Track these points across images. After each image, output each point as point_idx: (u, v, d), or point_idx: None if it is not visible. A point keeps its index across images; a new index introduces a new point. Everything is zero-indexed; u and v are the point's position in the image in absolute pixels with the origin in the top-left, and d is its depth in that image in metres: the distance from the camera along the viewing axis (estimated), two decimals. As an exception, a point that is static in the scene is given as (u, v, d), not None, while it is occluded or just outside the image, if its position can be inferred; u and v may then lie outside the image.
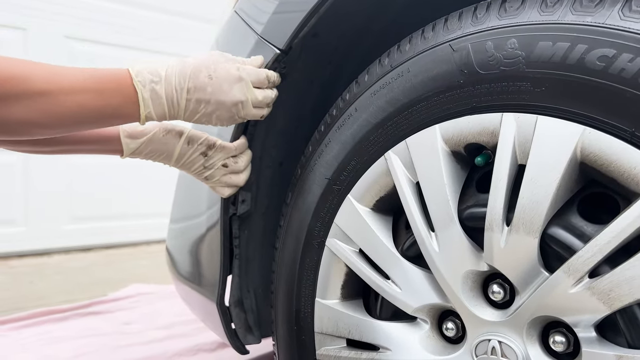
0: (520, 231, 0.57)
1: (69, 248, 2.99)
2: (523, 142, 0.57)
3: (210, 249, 0.97)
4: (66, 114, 0.66)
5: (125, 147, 0.82)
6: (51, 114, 0.65)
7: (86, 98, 0.67)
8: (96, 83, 0.68)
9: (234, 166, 0.86)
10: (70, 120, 0.68)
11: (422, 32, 0.69)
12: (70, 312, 1.93)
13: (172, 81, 0.73)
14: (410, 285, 0.68)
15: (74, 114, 0.67)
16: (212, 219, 0.96)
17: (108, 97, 0.69)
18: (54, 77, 0.65)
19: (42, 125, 0.66)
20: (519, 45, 0.57)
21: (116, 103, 0.70)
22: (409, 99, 0.67)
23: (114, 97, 0.69)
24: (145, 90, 0.71)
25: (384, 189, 0.71)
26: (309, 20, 0.77)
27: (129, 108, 0.71)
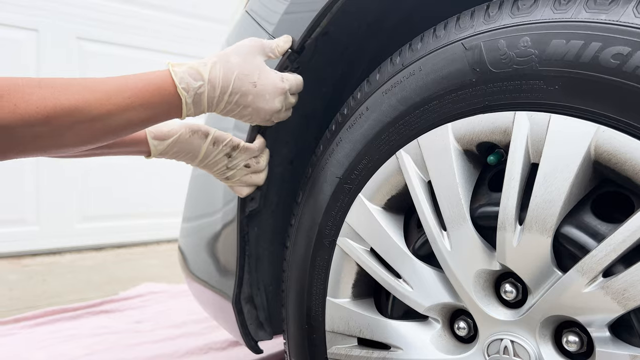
0: (533, 230, 0.57)
1: (81, 247, 3.02)
2: (536, 140, 0.57)
3: (225, 247, 0.98)
4: (115, 132, 0.68)
5: (153, 149, 0.83)
6: (101, 134, 0.67)
7: (134, 115, 0.68)
8: (142, 99, 0.68)
9: (255, 166, 0.88)
10: (118, 135, 0.70)
11: (433, 30, 0.68)
12: (83, 310, 1.95)
13: (215, 84, 0.73)
14: (421, 284, 0.68)
15: (122, 130, 0.69)
16: (227, 216, 0.96)
17: (154, 109, 0.69)
18: (103, 101, 0.65)
19: (92, 143, 0.68)
20: (532, 43, 0.57)
21: (161, 112, 0.71)
22: (420, 97, 0.67)
23: (160, 108, 0.70)
24: (189, 97, 0.71)
25: (395, 187, 0.71)
26: (321, 19, 0.77)
27: (172, 114, 0.72)
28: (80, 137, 0.65)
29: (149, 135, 0.83)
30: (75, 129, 0.64)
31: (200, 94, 0.72)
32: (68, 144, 0.65)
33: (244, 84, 0.74)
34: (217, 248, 1.00)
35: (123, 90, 0.67)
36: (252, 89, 0.75)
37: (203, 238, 1.07)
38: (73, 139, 0.65)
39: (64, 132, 0.63)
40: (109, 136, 0.68)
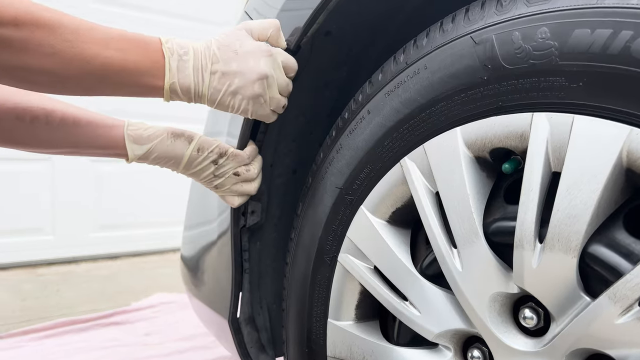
0: (556, 249, 0.49)
1: (96, 256, 3.00)
2: (557, 146, 0.49)
3: (221, 261, 0.92)
4: (88, 69, 0.63)
5: (131, 153, 0.78)
6: (74, 66, 0.62)
7: (111, 54, 0.64)
8: (124, 41, 0.65)
9: (246, 174, 0.81)
10: (92, 76, 0.64)
11: (440, 24, 0.61)
12: (92, 322, 1.92)
13: (199, 56, 0.70)
14: (430, 308, 0.61)
15: (96, 70, 0.63)
16: (223, 225, 0.91)
17: (134, 57, 0.65)
18: (82, 29, 0.62)
19: (63, 78, 0.63)
20: (551, 34, 0.49)
21: (143, 66, 0.66)
22: (426, 99, 0.60)
23: (141, 59, 0.66)
24: (173, 59, 0.68)
25: (400, 199, 0.64)
26: (317, 16, 0.71)
27: (154, 74, 0.67)
28: (52, 63, 0.60)
29: (127, 139, 0.77)
30: (44, 48, 0.59)
31: (186, 61, 0.69)
32: (39, 69, 0.60)
33: (226, 52, 0.71)
34: (213, 260, 0.95)
35: (107, 30, 0.64)
36: (233, 55, 0.70)
37: (200, 248, 1.01)
38: (40, 61, 0.59)
39: (32, 48, 0.58)
40: (85, 76, 0.63)
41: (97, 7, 2.93)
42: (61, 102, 0.78)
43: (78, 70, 0.62)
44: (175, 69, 0.68)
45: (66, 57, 0.61)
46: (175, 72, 0.68)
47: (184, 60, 0.68)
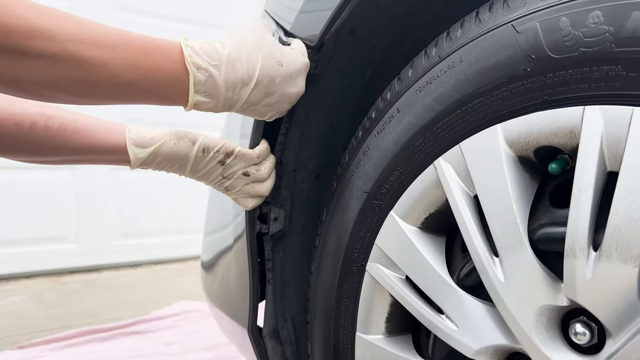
0: (613, 258, 0.44)
1: (118, 264, 3.01)
2: (614, 142, 0.44)
3: (238, 267, 0.88)
4: (92, 80, 0.56)
5: (133, 157, 0.74)
6: (79, 80, 0.55)
7: (119, 65, 0.56)
8: (134, 49, 0.57)
9: (256, 174, 0.77)
10: (97, 88, 0.57)
11: (476, 14, 0.57)
12: (114, 331, 1.90)
13: (237, 67, 0.61)
14: (469, 322, 0.56)
15: (100, 81, 0.56)
16: (238, 229, 0.87)
17: (147, 70, 0.58)
18: (86, 34, 0.54)
19: (70, 91, 0.56)
20: (605, 18, 0.44)
21: (158, 84, 0.59)
22: (461, 94, 0.55)
23: (156, 74, 0.58)
24: (199, 74, 0.59)
25: (434, 204, 0.60)
26: (341, 11, 0.67)
27: (172, 92, 0.60)
28: (54, 76, 0.53)
29: (129, 143, 0.74)
30: (45, 60, 0.52)
31: (216, 77, 0.60)
32: (41, 82, 0.54)
33: (270, 64, 0.63)
34: (230, 266, 0.91)
35: (115, 37, 0.56)
36: (279, 69, 0.64)
37: (217, 254, 0.97)
38: (44, 75, 0.53)
39: (31, 62, 0.51)
40: (95, 92, 0.57)
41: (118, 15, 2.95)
42: (62, 108, 0.75)
43: (83, 86, 0.56)
44: (202, 86, 0.60)
45: (69, 68, 0.54)
46: (200, 88, 0.60)
47: (213, 76, 0.60)
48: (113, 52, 0.56)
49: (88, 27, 0.55)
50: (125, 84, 0.57)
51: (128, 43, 0.57)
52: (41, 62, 0.52)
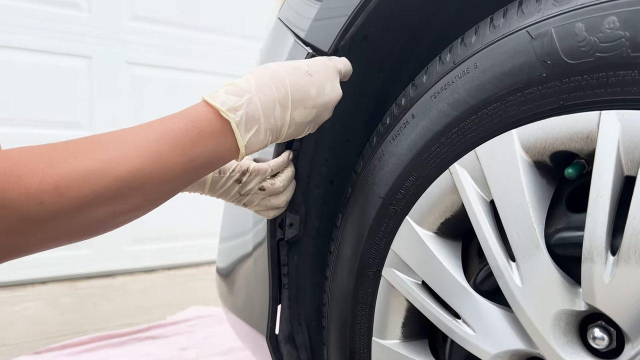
0: (632, 262, 0.44)
1: (132, 269, 3.02)
2: (630, 147, 0.44)
3: (256, 274, 0.89)
4: (154, 190, 0.52)
5: None
6: (139, 200, 0.51)
7: (172, 166, 0.52)
8: (174, 143, 0.52)
9: (271, 188, 0.76)
10: (165, 194, 0.54)
11: (490, 20, 0.57)
12: (129, 336, 1.91)
13: (266, 90, 0.58)
14: (486, 326, 0.56)
15: (166, 186, 0.52)
16: (258, 237, 0.87)
17: (193, 152, 0.53)
18: (122, 157, 0.49)
19: (111, 225, 0.52)
20: (621, 23, 0.45)
21: (210, 150, 0.54)
22: (477, 100, 0.55)
23: (203, 146, 0.54)
24: (237, 117, 0.55)
25: (449, 209, 0.60)
26: (356, 18, 0.67)
27: (223, 148, 0.56)
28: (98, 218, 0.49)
29: None
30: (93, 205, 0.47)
31: (251, 110, 0.56)
32: (85, 227, 0.49)
33: (299, 77, 0.61)
34: (249, 273, 0.91)
35: (149, 139, 0.51)
36: (309, 80, 0.61)
37: (235, 261, 0.98)
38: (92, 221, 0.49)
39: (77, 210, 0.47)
40: (134, 210, 0.52)
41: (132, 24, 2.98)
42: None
43: (142, 198, 0.51)
44: (243, 126, 0.56)
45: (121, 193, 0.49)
46: (242, 129, 0.56)
47: (248, 111, 0.56)
48: (154, 159, 0.51)
49: (117, 140, 0.50)
50: (180, 175, 0.53)
51: (163, 132, 0.52)
52: (99, 204, 0.48)
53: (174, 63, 3.16)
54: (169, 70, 3.14)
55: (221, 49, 3.32)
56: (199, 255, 3.24)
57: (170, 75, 3.15)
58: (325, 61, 0.65)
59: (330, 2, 0.71)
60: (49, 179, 0.45)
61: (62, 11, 2.76)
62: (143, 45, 3.05)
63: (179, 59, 3.18)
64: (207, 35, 3.25)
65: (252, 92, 0.57)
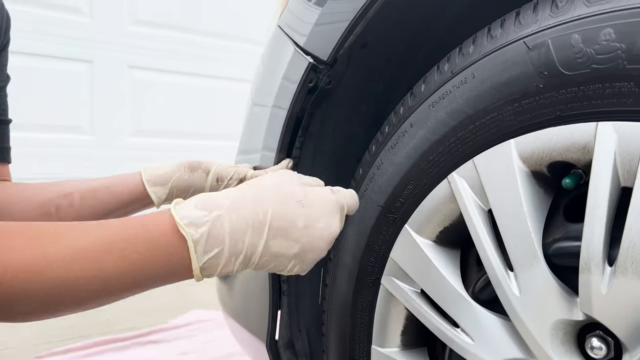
0: (629, 273, 0.44)
1: (134, 273, 3.03)
2: (627, 158, 0.45)
3: (257, 278, 0.89)
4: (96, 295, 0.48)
5: (154, 197, 0.76)
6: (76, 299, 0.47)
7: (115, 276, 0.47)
8: (120, 258, 0.47)
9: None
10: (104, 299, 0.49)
11: (488, 30, 0.57)
12: (131, 340, 1.92)
13: (242, 210, 0.51)
14: (484, 335, 0.56)
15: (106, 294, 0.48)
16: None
17: (143, 266, 0.48)
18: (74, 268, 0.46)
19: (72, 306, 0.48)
20: (617, 35, 0.45)
21: (160, 267, 0.49)
22: (475, 109, 0.56)
23: (154, 262, 0.49)
24: (196, 233, 0.49)
25: (448, 218, 0.60)
26: (355, 27, 0.68)
27: (176, 266, 0.49)
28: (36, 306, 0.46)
29: (147, 185, 0.76)
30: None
31: (217, 229, 0.50)
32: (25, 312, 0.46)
33: (288, 204, 0.54)
34: (248, 278, 0.91)
35: (96, 245, 0.47)
36: (299, 210, 0.54)
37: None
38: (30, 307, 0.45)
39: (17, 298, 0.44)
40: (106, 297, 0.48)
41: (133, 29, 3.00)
42: (73, 182, 0.77)
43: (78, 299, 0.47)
44: (203, 246, 0.50)
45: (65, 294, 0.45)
46: (202, 248, 0.50)
47: (214, 229, 0.50)
48: (101, 264, 0.47)
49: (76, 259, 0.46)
50: (122, 289, 0.49)
51: (109, 249, 0.47)
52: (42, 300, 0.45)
53: (175, 67, 3.17)
54: (170, 74, 3.15)
55: (223, 53, 3.33)
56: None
57: (171, 79, 3.16)
58: (326, 193, 0.59)
59: (331, 7, 0.72)
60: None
61: (63, 16, 2.77)
62: (144, 49, 3.06)
63: (180, 62, 3.19)
64: (208, 39, 3.26)
65: (223, 208, 0.51)
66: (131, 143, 2.99)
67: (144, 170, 0.79)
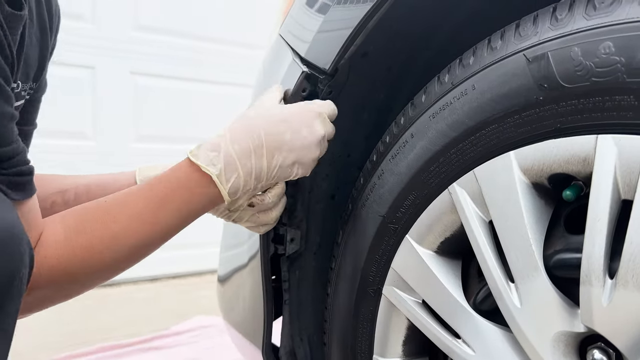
0: (630, 286, 0.44)
1: (136, 278, 3.03)
2: (627, 171, 0.45)
3: (252, 289, 0.89)
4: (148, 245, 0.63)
5: None
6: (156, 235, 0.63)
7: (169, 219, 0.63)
8: (159, 206, 0.62)
9: (260, 205, 0.75)
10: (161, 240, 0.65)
11: (488, 41, 0.58)
12: (133, 347, 1.92)
13: (241, 142, 0.64)
14: (485, 346, 0.56)
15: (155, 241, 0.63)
16: (252, 249, 0.88)
17: (188, 208, 0.64)
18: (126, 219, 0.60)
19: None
20: (617, 49, 0.45)
21: (196, 203, 0.64)
22: (475, 121, 0.56)
23: (195, 203, 0.64)
24: (216, 169, 0.63)
25: (449, 228, 0.60)
26: (355, 38, 0.68)
27: (212, 197, 0.64)
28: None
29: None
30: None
31: (230, 161, 0.63)
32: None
33: (272, 124, 0.65)
34: (244, 285, 0.91)
35: (149, 209, 0.62)
36: (283, 125, 0.65)
37: (231, 272, 0.98)
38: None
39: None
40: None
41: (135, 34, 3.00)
42: (71, 177, 0.78)
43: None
44: (224, 176, 0.64)
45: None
46: (224, 177, 0.64)
47: (227, 162, 0.63)
48: (146, 219, 0.61)
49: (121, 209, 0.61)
50: (176, 230, 0.65)
51: (148, 201, 0.62)
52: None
53: (178, 73, 3.17)
54: (172, 80, 3.16)
55: (225, 58, 3.34)
56: (203, 264, 3.25)
57: (174, 84, 3.16)
58: (301, 106, 0.68)
59: (334, 14, 0.72)
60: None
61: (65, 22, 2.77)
62: (146, 55, 3.07)
63: (183, 68, 3.19)
64: (210, 45, 3.27)
65: (227, 144, 0.64)
66: (134, 149, 3.00)
67: (139, 170, 0.80)
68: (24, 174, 0.53)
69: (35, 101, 0.70)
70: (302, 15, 0.79)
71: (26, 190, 0.54)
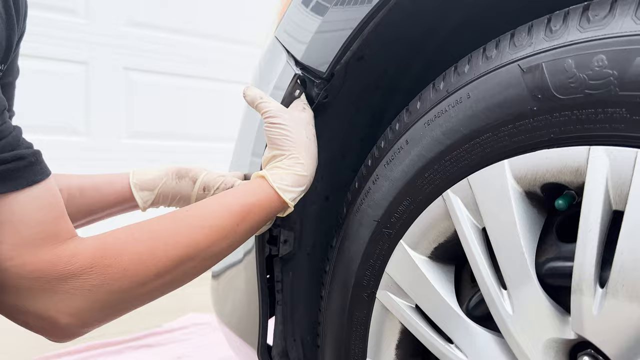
0: (620, 295, 0.45)
1: (129, 275, 3.02)
2: (618, 182, 0.45)
3: (247, 289, 0.89)
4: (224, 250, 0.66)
5: (140, 201, 0.77)
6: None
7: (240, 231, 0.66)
8: (241, 219, 0.65)
9: None
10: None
11: (483, 50, 0.58)
12: (125, 344, 1.91)
13: (313, 171, 0.73)
14: (478, 352, 0.57)
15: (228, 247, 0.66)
16: (247, 244, 0.88)
17: (258, 221, 0.67)
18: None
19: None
20: (609, 62, 0.46)
21: (267, 218, 0.69)
22: (469, 129, 0.56)
23: (265, 217, 0.68)
24: (295, 201, 0.70)
25: (443, 234, 0.61)
26: (352, 43, 0.68)
27: (277, 211, 0.70)
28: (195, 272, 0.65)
29: (134, 188, 0.76)
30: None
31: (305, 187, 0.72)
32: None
33: (303, 138, 0.73)
34: (239, 284, 0.92)
35: (223, 218, 0.64)
36: (305, 138, 0.73)
37: (225, 267, 0.98)
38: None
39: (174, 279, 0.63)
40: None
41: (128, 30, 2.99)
42: (65, 176, 0.78)
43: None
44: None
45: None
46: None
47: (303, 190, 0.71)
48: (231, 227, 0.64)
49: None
50: (242, 240, 0.68)
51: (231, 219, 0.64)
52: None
53: (171, 69, 3.16)
54: (165, 76, 3.15)
55: (218, 55, 3.33)
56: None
57: (167, 81, 3.15)
58: (301, 119, 0.74)
59: (332, 15, 0.72)
60: (152, 269, 0.58)
61: (58, 17, 2.76)
62: (140, 51, 3.05)
63: (176, 64, 3.18)
64: (204, 41, 3.26)
65: (308, 178, 0.71)
66: (127, 145, 2.99)
67: (133, 173, 0.80)
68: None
69: (7, 85, 0.68)
70: (298, 19, 0.79)
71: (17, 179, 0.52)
